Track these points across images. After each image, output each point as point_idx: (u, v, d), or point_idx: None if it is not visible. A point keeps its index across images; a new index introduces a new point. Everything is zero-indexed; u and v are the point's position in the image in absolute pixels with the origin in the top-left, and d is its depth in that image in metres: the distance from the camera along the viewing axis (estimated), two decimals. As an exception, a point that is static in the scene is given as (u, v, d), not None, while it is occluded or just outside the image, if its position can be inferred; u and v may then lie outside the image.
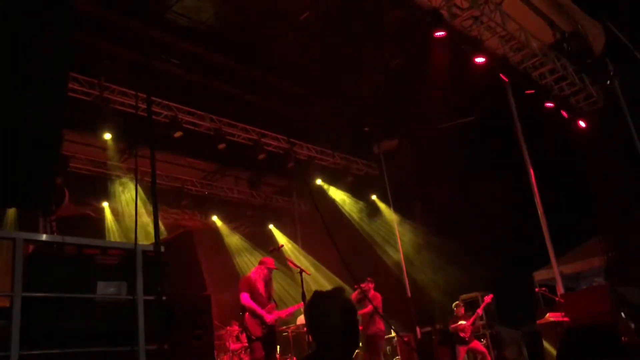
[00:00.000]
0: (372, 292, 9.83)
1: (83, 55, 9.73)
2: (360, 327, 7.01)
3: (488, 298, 11.16)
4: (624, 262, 11.85)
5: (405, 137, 14.98)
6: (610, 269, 12.14)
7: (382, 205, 15.61)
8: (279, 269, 9.62)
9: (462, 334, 10.82)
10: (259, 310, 6.89)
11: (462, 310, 11.09)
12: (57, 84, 3.91)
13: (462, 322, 10.88)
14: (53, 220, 4.25)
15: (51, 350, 3.03)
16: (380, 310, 9.43)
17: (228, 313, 11.51)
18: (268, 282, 7.20)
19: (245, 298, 6.91)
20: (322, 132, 14.19)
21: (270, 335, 6.99)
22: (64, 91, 4.16)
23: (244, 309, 6.94)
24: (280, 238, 16.64)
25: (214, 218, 16.26)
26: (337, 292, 2.78)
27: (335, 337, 2.53)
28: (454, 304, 11.29)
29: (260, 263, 7.29)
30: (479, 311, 11.05)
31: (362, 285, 9.71)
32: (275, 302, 7.21)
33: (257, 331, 6.82)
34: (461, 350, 10.85)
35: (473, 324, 10.92)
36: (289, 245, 16.18)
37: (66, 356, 3.08)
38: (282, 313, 7.16)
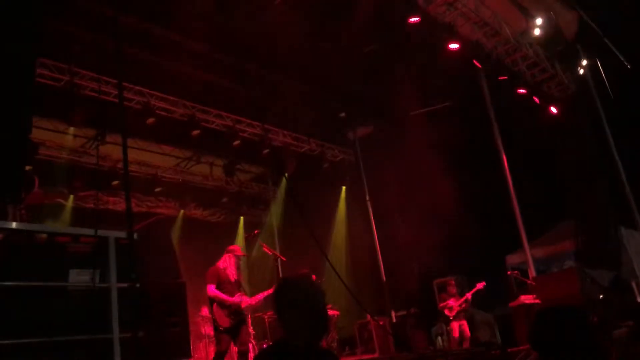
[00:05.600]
0: None
1: (52, 40, 9.48)
2: None
3: (480, 285, 11.20)
4: (594, 245, 12.13)
5: (380, 124, 14.99)
6: (580, 252, 12.41)
7: None
8: (249, 255, 9.27)
9: (447, 312, 11.10)
10: (227, 298, 6.71)
11: (453, 289, 11.31)
12: (25, 69, 3.82)
13: (451, 300, 11.18)
14: (22, 209, 4.17)
15: (24, 339, 2.99)
16: None
17: (202, 300, 11.47)
18: (236, 270, 7.04)
19: (211, 289, 6.74)
20: (297, 118, 14.11)
21: (239, 326, 6.78)
22: (33, 77, 4.07)
23: (211, 300, 6.78)
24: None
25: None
26: (304, 278, 2.76)
27: (302, 323, 2.48)
28: (449, 282, 11.51)
29: (228, 251, 7.12)
30: (469, 296, 11.23)
31: None
32: (244, 290, 7.04)
33: (225, 322, 6.65)
34: (453, 327, 11.08)
35: (461, 304, 11.16)
36: (265, 232, 16.11)
37: (39, 345, 3.04)
38: (253, 300, 6.96)
